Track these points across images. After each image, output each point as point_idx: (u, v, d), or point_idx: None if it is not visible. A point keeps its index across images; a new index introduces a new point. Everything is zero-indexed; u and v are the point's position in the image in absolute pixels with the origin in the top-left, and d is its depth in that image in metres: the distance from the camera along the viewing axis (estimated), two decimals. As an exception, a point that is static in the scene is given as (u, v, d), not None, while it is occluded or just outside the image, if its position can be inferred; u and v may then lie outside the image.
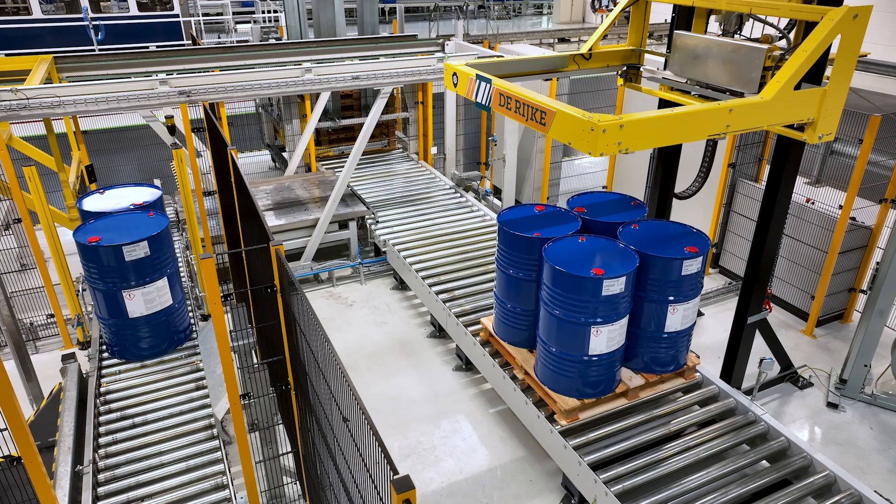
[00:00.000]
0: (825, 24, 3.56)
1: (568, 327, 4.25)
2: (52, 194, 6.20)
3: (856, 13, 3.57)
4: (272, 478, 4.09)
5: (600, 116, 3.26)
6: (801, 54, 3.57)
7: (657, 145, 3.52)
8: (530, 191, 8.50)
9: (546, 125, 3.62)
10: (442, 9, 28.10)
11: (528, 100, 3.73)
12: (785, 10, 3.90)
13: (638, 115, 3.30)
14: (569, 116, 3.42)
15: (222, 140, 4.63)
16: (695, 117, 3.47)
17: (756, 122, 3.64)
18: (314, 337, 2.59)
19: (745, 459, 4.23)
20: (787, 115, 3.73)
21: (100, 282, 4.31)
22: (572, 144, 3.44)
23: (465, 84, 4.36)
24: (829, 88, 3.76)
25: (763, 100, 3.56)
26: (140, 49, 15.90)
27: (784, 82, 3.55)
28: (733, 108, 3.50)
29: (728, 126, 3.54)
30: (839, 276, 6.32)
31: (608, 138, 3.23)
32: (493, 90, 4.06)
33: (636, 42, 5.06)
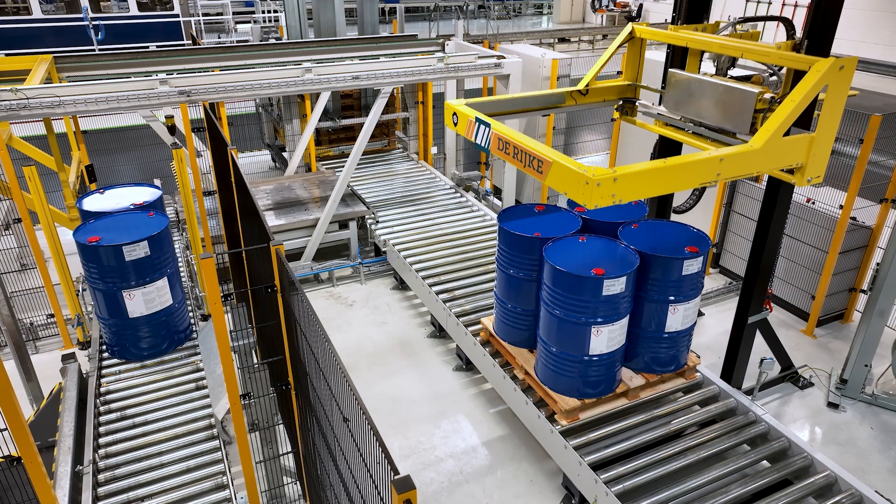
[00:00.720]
0: (812, 75, 3.68)
1: (568, 327, 4.25)
2: (52, 194, 6.20)
3: (842, 65, 3.68)
4: (272, 478, 4.09)
5: (595, 170, 3.34)
6: (789, 104, 3.67)
7: (650, 195, 3.62)
8: (530, 191, 8.50)
9: (543, 174, 3.70)
10: (442, 9, 28.09)
11: (527, 148, 3.81)
12: (775, 57, 4.03)
13: (631, 168, 3.40)
14: (565, 168, 3.50)
15: (222, 140, 4.63)
16: (686, 168, 3.55)
17: (746, 169, 3.75)
18: (314, 337, 2.59)
19: (745, 459, 4.22)
20: (777, 161, 3.84)
21: (100, 282, 4.31)
22: (568, 194, 3.53)
23: (465, 125, 4.46)
24: (817, 135, 3.87)
25: (753, 148, 3.65)
26: (140, 49, 15.90)
27: (773, 131, 3.65)
28: (724, 157, 3.60)
29: (719, 174, 3.64)
30: (840, 275, 6.31)
31: (602, 191, 3.33)
32: (493, 134, 4.15)
33: (632, 77, 5.18)
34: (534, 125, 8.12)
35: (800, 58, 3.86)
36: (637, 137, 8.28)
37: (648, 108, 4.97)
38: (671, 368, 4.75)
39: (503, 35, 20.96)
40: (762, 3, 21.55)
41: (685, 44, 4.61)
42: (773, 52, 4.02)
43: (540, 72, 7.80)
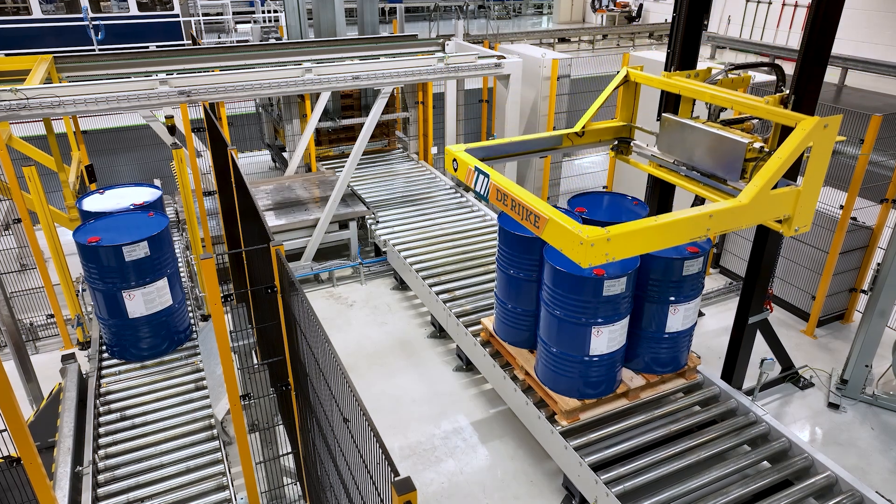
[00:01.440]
0: (798, 134, 3.81)
1: (568, 328, 4.25)
2: (51, 194, 6.19)
3: (826, 123, 3.82)
4: (272, 478, 4.09)
5: (589, 231, 3.44)
6: (776, 161, 3.81)
7: (643, 252, 3.72)
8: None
9: (540, 229, 3.80)
10: (442, 9, 28.09)
11: (524, 202, 3.92)
12: (763, 112, 4.16)
13: (623, 228, 3.50)
14: (561, 227, 3.59)
15: (222, 140, 4.63)
16: (677, 225, 3.67)
17: (736, 223, 3.88)
18: (314, 337, 2.58)
19: (746, 460, 4.22)
20: (765, 214, 3.98)
21: (100, 282, 4.30)
22: (563, 251, 3.64)
23: (465, 172, 4.60)
24: (803, 189, 4.01)
25: (742, 204, 3.78)
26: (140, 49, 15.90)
27: (761, 186, 3.79)
28: (713, 214, 3.72)
29: (709, 229, 3.78)
30: (840, 276, 6.31)
31: (596, 250, 3.43)
32: (491, 184, 4.26)
33: (627, 118, 5.32)
34: (534, 126, 8.11)
35: (786, 114, 4.00)
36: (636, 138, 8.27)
37: (643, 148, 5.13)
38: (671, 369, 4.74)
39: (503, 35, 20.96)
40: (762, 3, 21.56)
41: (678, 91, 4.73)
42: (762, 106, 4.16)
43: (540, 72, 7.79)
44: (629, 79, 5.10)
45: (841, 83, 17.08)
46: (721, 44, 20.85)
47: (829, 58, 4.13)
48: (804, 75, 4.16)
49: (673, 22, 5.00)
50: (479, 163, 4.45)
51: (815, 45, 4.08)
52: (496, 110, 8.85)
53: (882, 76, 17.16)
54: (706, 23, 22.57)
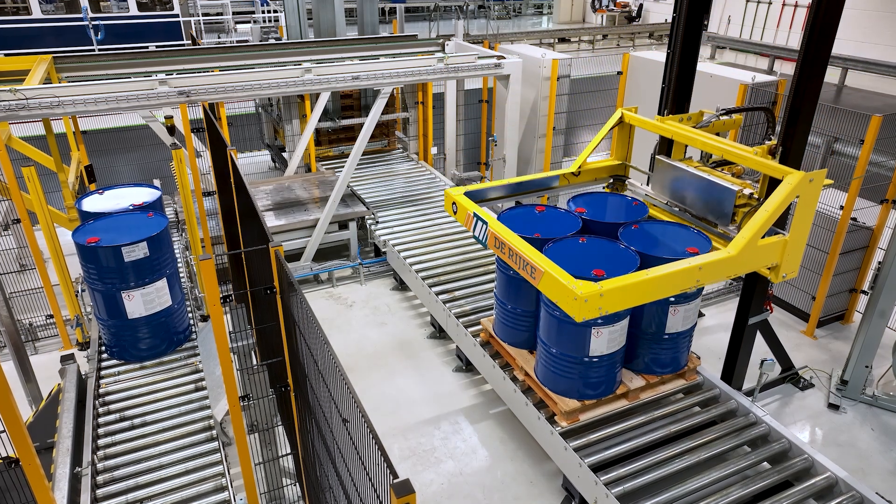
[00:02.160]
0: (785, 187, 4.00)
1: (568, 328, 4.24)
2: (51, 195, 6.19)
3: (811, 178, 4.03)
4: (272, 479, 4.08)
5: (583, 287, 3.58)
6: (763, 213, 3.99)
7: (635, 305, 3.83)
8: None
9: (536, 280, 3.95)
10: (442, 9, 28.08)
11: (521, 252, 4.06)
12: (751, 163, 4.31)
13: (616, 283, 3.65)
14: (556, 281, 3.74)
15: (222, 140, 4.62)
16: (667, 278, 3.81)
17: (725, 274, 4.03)
18: (313, 338, 2.58)
19: (746, 461, 4.21)
20: (753, 264, 4.13)
21: (99, 282, 4.30)
22: (558, 304, 3.77)
23: (464, 216, 4.78)
24: (790, 238, 4.18)
25: (730, 255, 3.93)
26: (140, 49, 15.90)
27: (749, 238, 3.95)
28: (702, 266, 3.88)
29: (698, 280, 3.93)
30: (840, 276, 6.30)
31: (590, 305, 3.58)
32: (490, 232, 4.44)
33: (622, 157, 5.51)
34: (534, 126, 8.11)
35: (774, 167, 4.17)
36: (637, 139, 8.26)
37: (636, 187, 5.31)
38: (671, 370, 4.74)
39: (503, 35, 20.96)
40: (762, 3, 21.55)
41: (670, 136, 4.89)
42: (751, 157, 4.31)
43: (540, 72, 7.79)
44: (623, 120, 5.30)
45: (841, 83, 17.07)
46: (721, 44, 20.84)
47: (828, 58, 4.14)
48: (804, 75, 4.15)
49: (673, 22, 5.00)
50: (478, 208, 4.66)
51: (815, 46, 4.08)
52: (496, 110, 8.84)
53: (882, 76, 17.15)
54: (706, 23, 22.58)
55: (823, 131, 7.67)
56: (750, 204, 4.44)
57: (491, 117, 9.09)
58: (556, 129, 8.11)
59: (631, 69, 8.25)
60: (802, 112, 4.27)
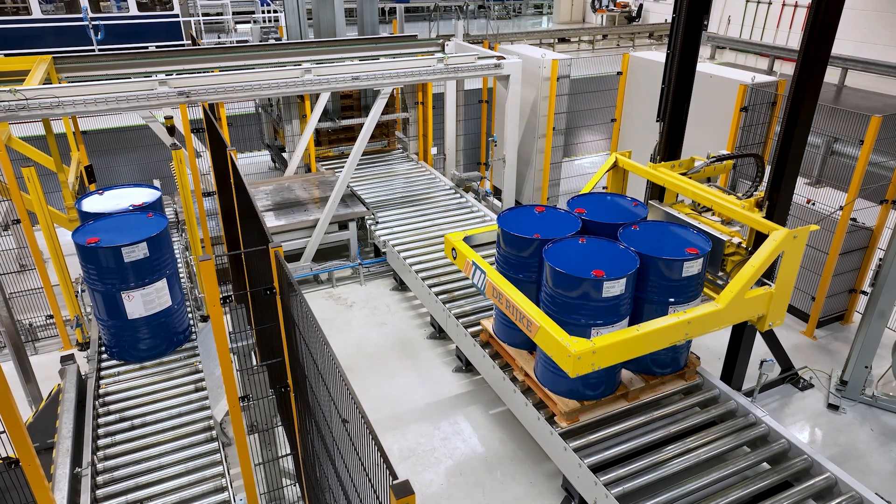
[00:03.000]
0: (770, 244, 4.19)
1: (568, 329, 4.23)
2: (51, 195, 6.19)
3: (795, 234, 4.22)
4: (272, 480, 4.08)
5: (576, 344, 3.77)
6: (749, 269, 4.17)
7: (626, 359, 4.02)
8: (530, 191, 8.48)
9: (532, 332, 4.13)
10: (442, 9, 28.08)
11: (519, 305, 4.22)
12: (739, 216, 4.50)
13: (607, 339, 3.84)
14: (551, 336, 3.91)
15: (222, 141, 4.62)
16: (657, 333, 4.00)
17: (713, 326, 4.23)
18: (313, 339, 2.58)
19: (745, 461, 4.21)
20: (740, 316, 4.33)
21: (99, 283, 4.30)
22: (553, 358, 3.96)
23: (464, 264, 4.97)
24: (776, 290, 4.36)
25: (718, 308, 4.13)
26: (140, 49, 15.90)
27: (737, 292, 4.14)
28: (691, 321, 4.08)
29: (687, 333, 4.14)
30: (840, 277, 6.30)
31: (583, 362, 3.77)
32: (488, 282, 4.60)
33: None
34: (533, 125, 8.11)
35: (761, 223, 4.37)
36: (636, 139, 8.28)
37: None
38: (671, 370, 4.74)
39: (503, 35, 20.96)
40: (762, 3, 21.55)
41: (662, 184, 5.06)
42: (738, 211, 4.50)
43: (540, 72, 7.79)
44: (618, 165, 5.48)
45: (841, 83, 17.07)
46: (721, 44, 20.84)
47: (828, 58, 4.14)
48: (804, 76, 4.16)
49: (673, 22, 5.01)
50: (477, 257, 4.86)
51: (815, 46, 4.08)
52: (496, 111, 8.84)
53: (882, 76, 17.15)
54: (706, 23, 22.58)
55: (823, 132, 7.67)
56: (739, 253, 4.62)
57: (491, 117, 9.09)
58: (556, 130, 8.11)
59: (631, 69, 8.26)
60: (788, 165, 4.47)
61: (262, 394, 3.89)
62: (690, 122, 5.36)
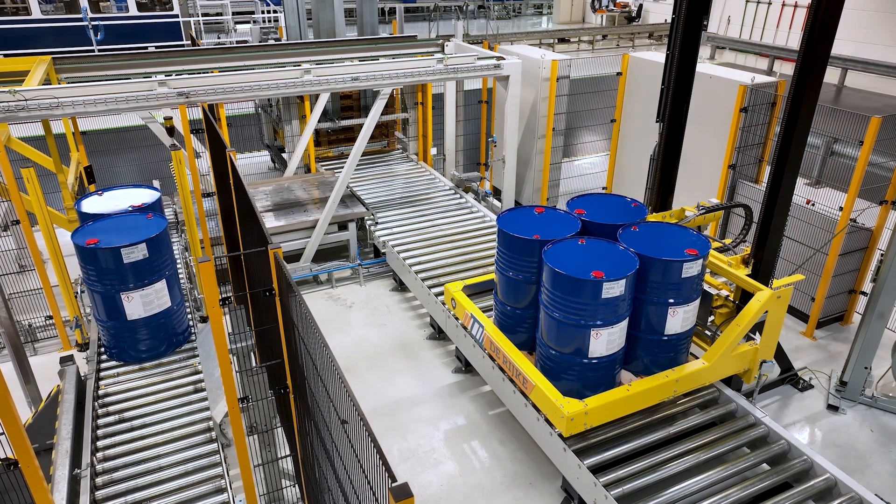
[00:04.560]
0: (755, 304, 4.44)
1: (568, 330, 4.24)
2: (50, 195, 6.18)
3: (779, 295, 4.47)
4: (271, 481, 4.08)
5: (568, 406, 4.00)
6: (735, 328, 4.43)
7: (618, 416, 4.26)
8: (530, 192, 8.48)
9: (527, 390, 4.34)
10: (442, 9, 28.08)
11: (515, 362, 4.42)
12: (725, 273, 4.77)
13: (599, 400, 4.09)
14: (545, 396, 4.12)
15: (221, 141, 4.62)
16: (646, 393, 4.24)
17: (699, 382, 4.48)
18: (312, 340, 2.57)
19: (745, 462, 4.21)
20: (726, 371, 4.58)
21: (98, 284, 4.30)
22: (547, 416, 4.20)
23: (462, 314, 5.17)
24: (761, 346, 4.58)
25: (705, 366, 4.39)
26: (139, 49, 15.90)
27: (723, 350, 4.38)
28: (679, 378, 4.33)
29: (675, 391, 4.38)
30: (839, 277, 6.30)
31: (576, 422, 3.99)
32: (486, 336, 4.79)
33: None
34: (533, 126, 8.11)
35: (747, 282, 4.62)
36: (636, 139, 8.28)
37: None
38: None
39: (503, 35, 20.97)
40: (762, 3, 21.55)
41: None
42: (725, 268, 4.78)
43: (539, 72, 7.79)
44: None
45: (841, 83, 17.07)
46: (721, 44, 20.84)
47: (828, 59, 4.14)
48: (804, 76, 4.17)
49: (672, 22, 5.01)
50: (476, 310, 5.05)
51: (815, 46, 4.08)
52: (496, 111, 8.84)
53: (882, 76, 17.15)
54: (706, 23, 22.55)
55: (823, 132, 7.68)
56: (727, 305, 4.81)
57: (490, 118, 9.09)
58: (556, 130, 8.11)
59: (630, 70, 8.26)
60: (774, 223, 4.67)
61: (261, 395, 3.89)
62: (690, 122, 5.37)
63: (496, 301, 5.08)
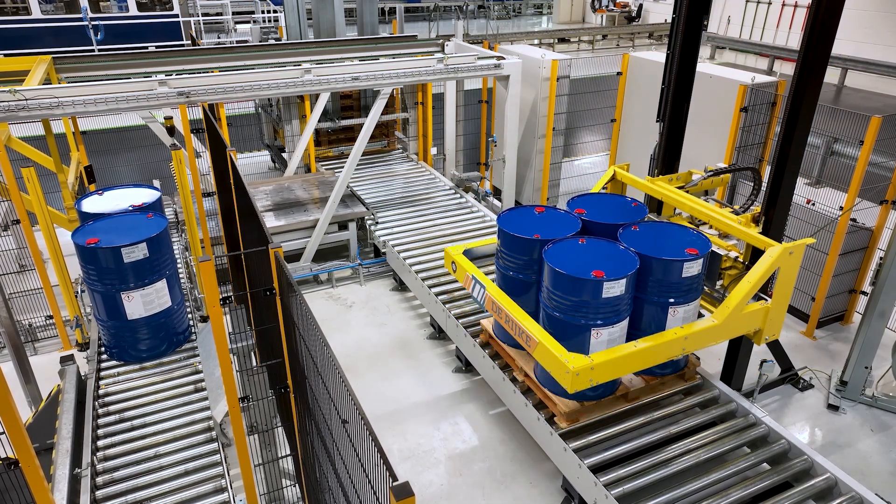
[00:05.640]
0: (766, 259, 4.23)
1: (568, 329, 4.23)
2: (50, 195, 6.18)
3: (791, 250, 4.24)
4: (271, 481, 4.08)
5: (574, 360, 3.81)
6: (746, 284, 4.23)
7: (624, 374, 4.11)
8: (530, 191, 8.48)
9: (531, 348, 4.17)
10: (442, 9, 28.08)
11: (518, 321, 4.26)
12: (736, 232, 4.54)
13: (605, 356, 3.91)
14: (550, 353, 3.96)
15: (221, 141, 4.62)
16: (655, 349, 4.08)
17: (710, 341, 4.30)
18: (313, 339, 2.58)
19: (745, 462, 4.21)
20: (737, 330, 4.40)
21: (98, 283, 4.30)
22: (552, 374, 4.00)
23: (463, 277, 5.01)
24: (772, 305, 4.39)
25: (715, 324, 4.20)
26: (139, 49, 15.89)
27: (733, 308, 4.20)
28: (688, 336, 4.16)
29: (684, 349, 4.21)
30: (840, 277, 6.30)
31: (581, 378, 3.82)
32: (487, 296, 4.63)
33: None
34: (533, 126, 8.11)
35: (757, 238, 4.41)
36: (636, 139, 8.28)
37: None
38: (671, 371, 4.74)
39: (503, 35, 20.97)
40: (762, 3, 21.55)
41: (660, 197, 5.10)
42: (735, 226, 4.55)
43: (539, 72, 7.79)
44: (616, 177, 5.52)
45: (841, 83, 17.07)
46: (721, 44, 20.84)
47: (828, 59, 4.14)
48: (804, 76, 4.17)
49: (673, 22, 5.01)
50: (477, 271, 4.89)
51: (815, 46, 4.08)
52: (496, 111, 8.84)
53: (882, 76, 17.15)
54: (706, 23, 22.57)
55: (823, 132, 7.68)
56: (736, 267, 4.66)
57: (490, 118, 9.09)
58: (556, 130, 8.11)
59: (630, 70, 8.26)
60: (785, 181, 4.49)
61: (261, 394, 3.89)
62: (690, 122, 5.36)
63: (496, 301, 5.08)
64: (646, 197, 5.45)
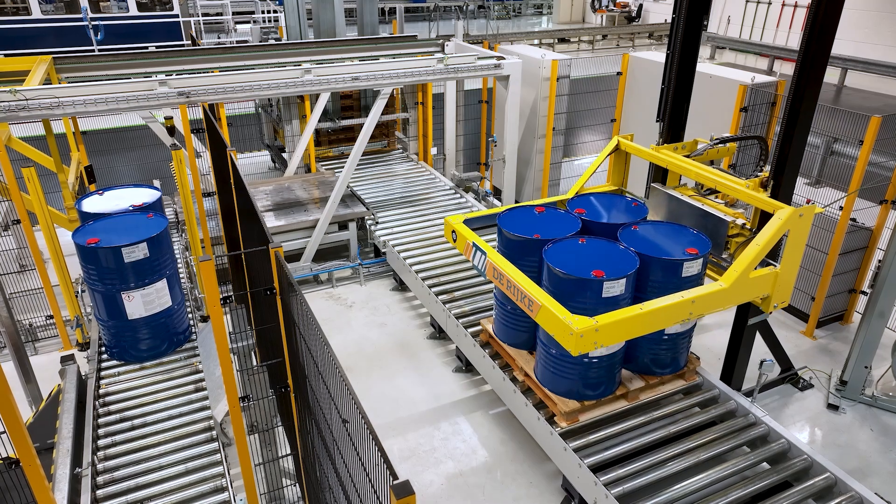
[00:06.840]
0: (775, 222, 4.10)
1: (568, 329, 4.23)
2: (51, 195, 6.19)
3: (801, 213, 4.12)
4: (272, 480, 4.08)
5: (578, 322, 3.64)
6: (755, 247, 4.09)
7: (629, 337, 3.93)
8: (530, 191, 8.49)
9: (533, 312, 4.02)
10: (442, 9, 28.07)
11: (520, 285, 4.12)
12: (744, 196, 4.41)
13: (610, 318, 3.71)
14: (553, 315, 3.80)
15: (221, 141, 4.62)
16: (661, 312, 3.90)
17: (717, 306, 4.14)
18: (313, 339, 2.58)
19: (745, 462, 4.21)
20: (745, 296, 4.23)
21: (99, 283, 4.30)
22: (555, 337, 3.85)
23: (464, 245, 4.86)
24: (781, 270, 4.26)
25: (723, 288, 4.04)
26: (140, 49, 15.89)
27: (741, 271, 4.05)
28: (695, 299, 3.98)
29: (691, 313, 4.05)
30: (839, 277, 6.31)
31: (585, 340, 3.64)
32: (488, 262, 4.50)
33: (618, 182, 5.67)
34: (533, 126, 8.11)
35: (766, 202, 4.28)
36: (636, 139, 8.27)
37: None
38: (671, 370, 4.74)
39: (503, 35, 20.97)
40: (762, 3, 21.55)
41: (665, 165, 4.98)
42: (743, 190, 4.42)
43: (540, 72, 7.79)
44: (619, 148, 5.42)
45: (841, 83, 17.08)
46: (721, 44, 20.84)
47: (828, 59, 4.15)
48: (804, 76, 4.17)
49: (673, 22, 5.01)
50: (478, 239, 4.74)
51: (815, 46, 4.08)
52: (496, 111, 8.85)
53: (882, 76, 17.16)
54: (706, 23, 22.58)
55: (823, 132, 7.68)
56: (743, 234, 4.56)
57: (491, 118, 9.10)
58: (556, 130, 8.11)
59: (630, 70, 8.26)
60: (793, 147, 4.38)
61: (262, 394, 3.89)
62: (690, 122, 5.37)
63: (496, 300, 5.08)
64: (650, 168, 5.34)
